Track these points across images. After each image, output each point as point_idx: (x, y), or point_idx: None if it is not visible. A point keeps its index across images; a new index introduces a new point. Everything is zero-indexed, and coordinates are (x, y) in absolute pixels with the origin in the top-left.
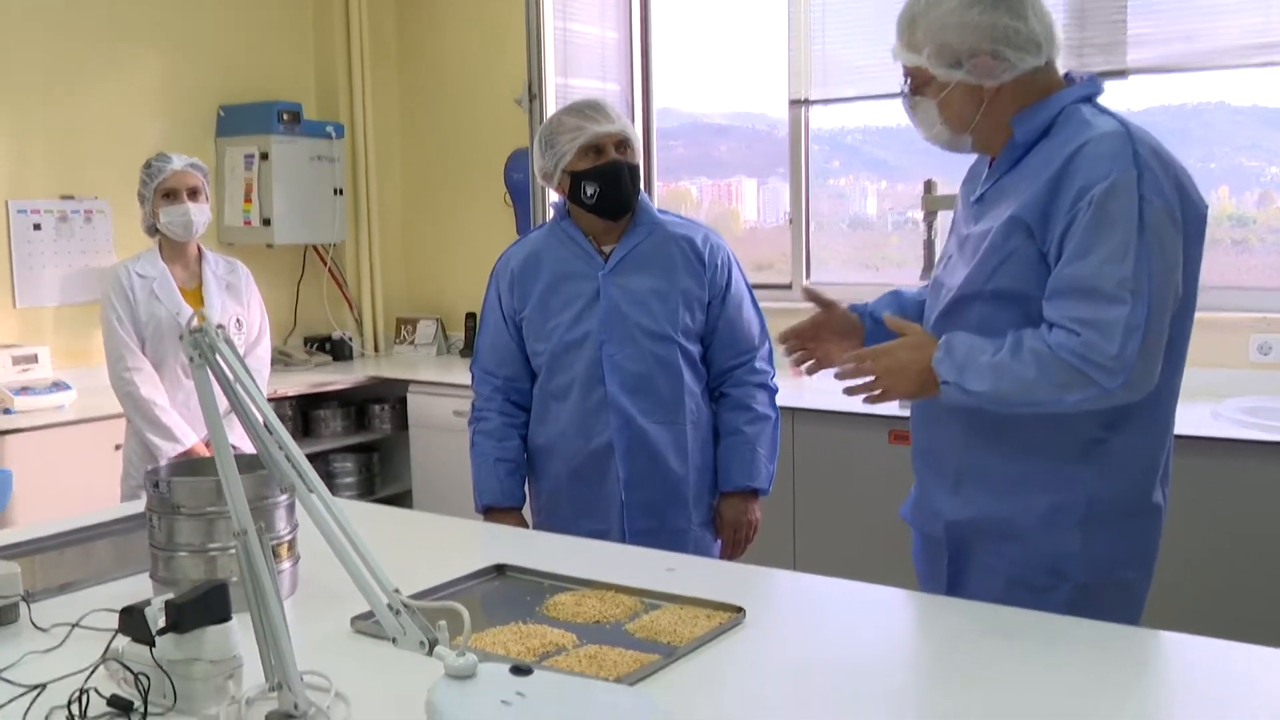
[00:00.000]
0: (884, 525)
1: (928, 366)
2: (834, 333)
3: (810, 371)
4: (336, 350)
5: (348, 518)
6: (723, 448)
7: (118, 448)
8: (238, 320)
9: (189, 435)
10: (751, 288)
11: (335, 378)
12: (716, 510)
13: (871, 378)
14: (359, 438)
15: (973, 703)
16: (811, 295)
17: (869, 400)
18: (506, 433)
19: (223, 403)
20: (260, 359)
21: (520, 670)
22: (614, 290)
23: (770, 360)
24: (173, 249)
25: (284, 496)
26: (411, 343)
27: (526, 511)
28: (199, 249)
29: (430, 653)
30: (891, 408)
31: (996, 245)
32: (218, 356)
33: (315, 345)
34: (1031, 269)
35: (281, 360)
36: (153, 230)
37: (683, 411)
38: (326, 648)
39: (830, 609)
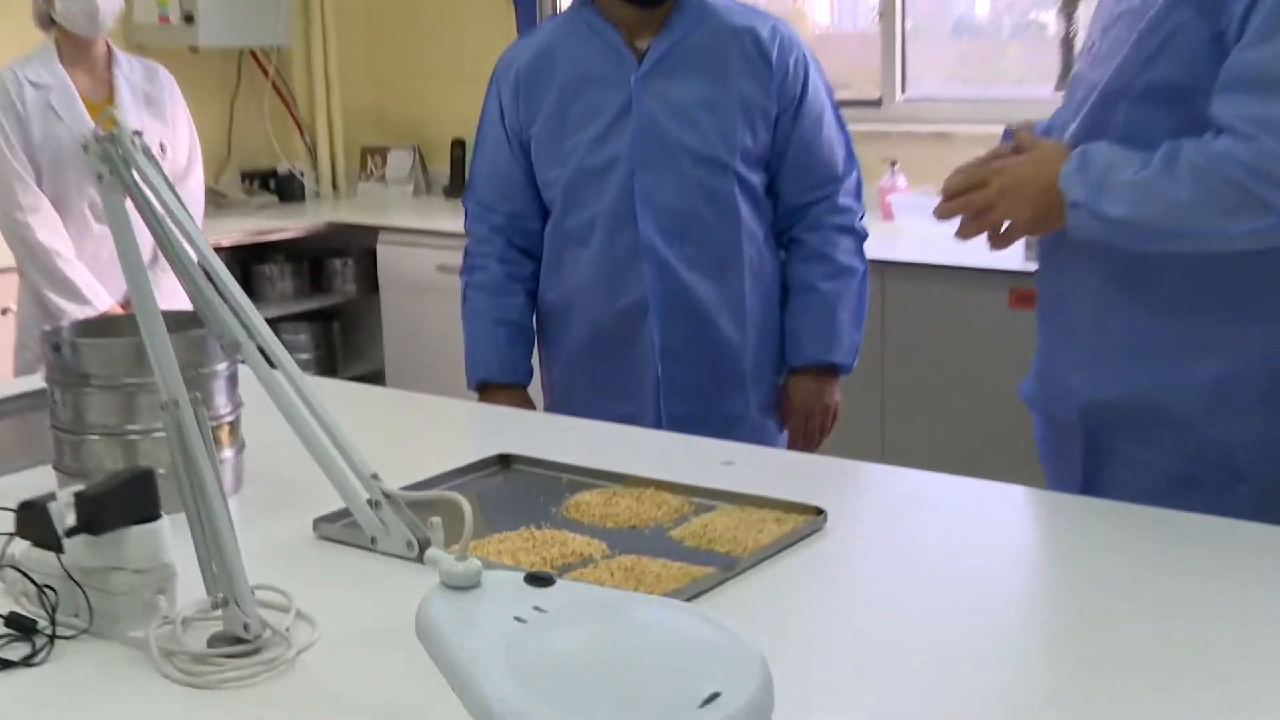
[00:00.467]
0: (999, 409)
1: (1053, 184)
2: None
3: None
4: (284, 189)
5: (310, 387)
6: (793, 310)
7: (6, 312)
8: (161, 144)
9: (101, 295)
10: (835, 99)
11: (283, 224)
12: (783, 392)
13: (984, 204)
14: (314, 303)
15: (1124, 638)
16: (1020, 140)
17: (977, 232)
18: (509, 287)
19: (145, 242)
20: (191, 196)
21: (539, 580)
22: (650, 99)
23: (858, 195)
24: (74, 49)
25: (225, 365)
26: (381, 179)
27: (534, 391)
28: (109, 48)
29: (420, 557)
30: (1015, 258)
31: (1157, 24)
32: (136, 174)
33: (256, 182)
34: (1199, 54)
35: (213, 201)
36: (47, 21)
37: (739, 261)
38: (283, 556)
39: (933, 512)
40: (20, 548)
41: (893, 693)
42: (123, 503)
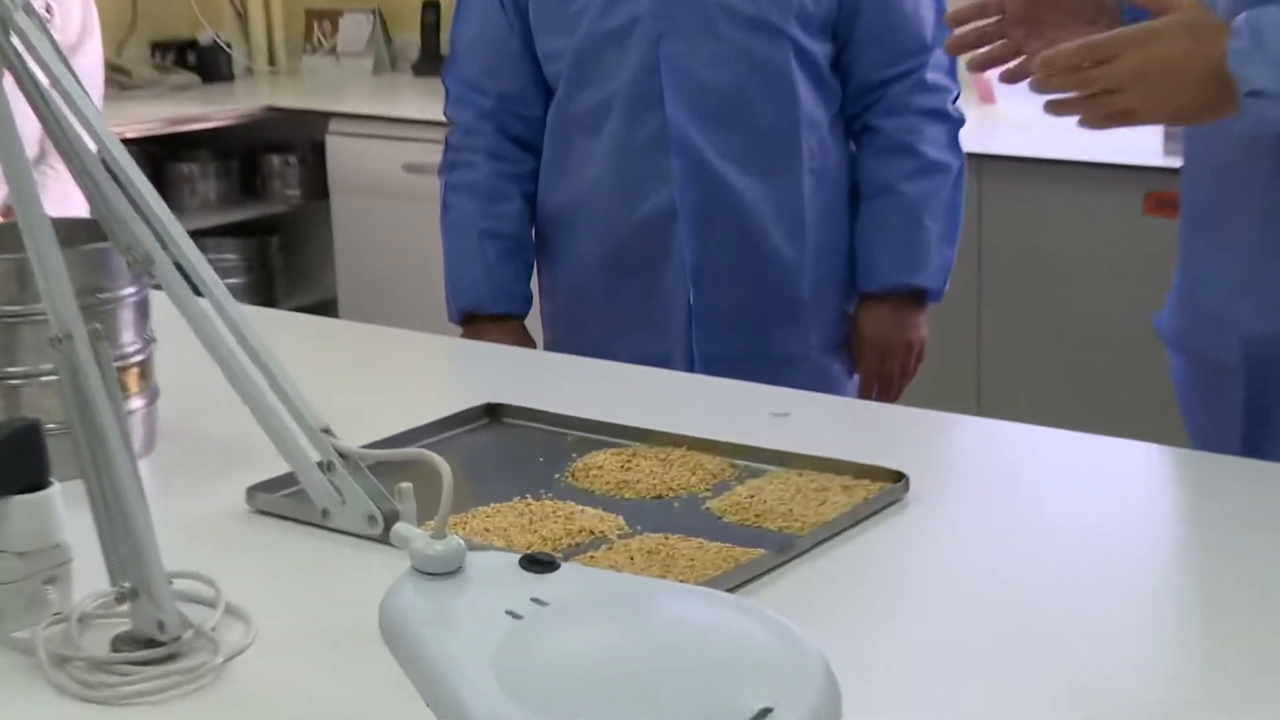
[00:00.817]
0: (1129, 346)
1: (1219, 64)
2: (1063, 9)
3: (1009, 78)
4: (207, 65)
5: (243, 318)
6: (866, 219)
7: None
8: (47, 6)
9: None
10: None
11: (205, 111)
12: (854, 324)
13: (1111, 85)
14: (247, 212)
15: None
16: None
17: (1099, 122)
18: (501, 189)
19: (29, 132)
20: (85, 74)
21: (538, 564)
22: None
23: (952, 71)
24: None
25: (132, 289)
26: (331, 51)
27: (533, 324)
28: None
29: (385, 535)
30: (1152, 151)
31: None
32: (16, 41)
33: (171, 56)
34: None
35: (115, 82)
36: None
37: (796, 154)
38: (209, 535)
39: (1046, 478)
40: None
41: (998, 710)
42: (1, 466)
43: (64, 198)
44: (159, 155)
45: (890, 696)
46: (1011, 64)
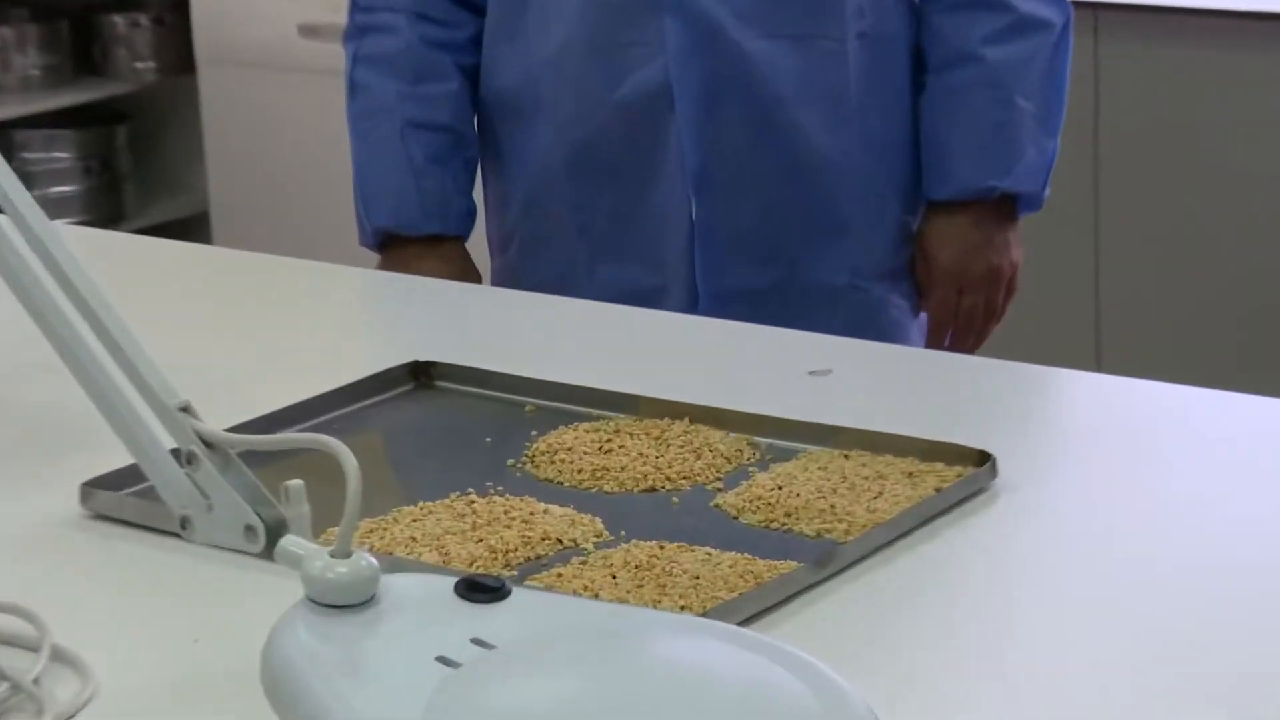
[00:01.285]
0: None
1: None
2: None
3: None
4: None
5: (63, 243)
6: (936, 101)
7: None
8: None
9: None
10: None
11: None
12: (920, 245)
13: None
14: (82, 93)
15: None
16: None
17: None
18: (430, 62)
19: None
20: None
21: (482, 588)
22: None
23: None
24: None
25: None
26: None
27: (476, 248)
28: None
29: (268, 550)
30: None
31: None
32: None
33: None
34: None
35: None
36: None
37: (839, 10)
38: (29, 550)
39: (1192, 454)
40: None
41: None
42: None
43: None
44: None
45: None
46: None
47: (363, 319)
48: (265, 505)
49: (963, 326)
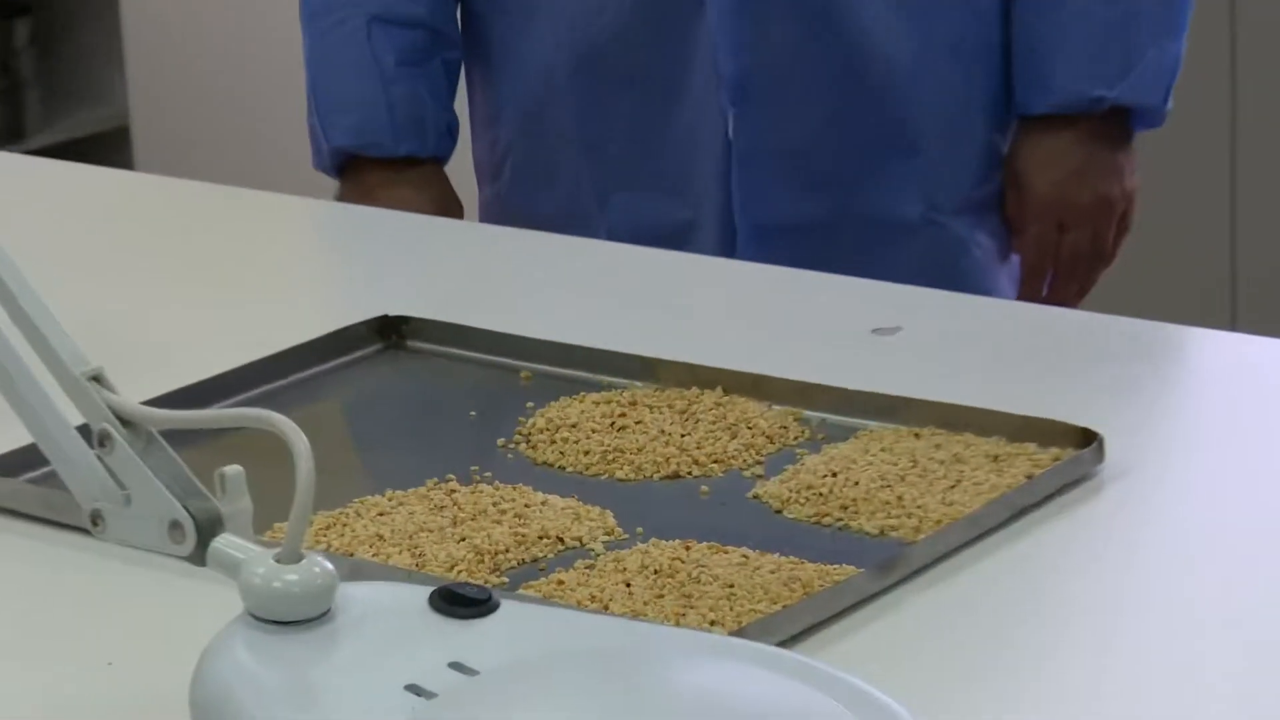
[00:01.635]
0: None
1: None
2: None
3: None
4: None
5: None
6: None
7: None
8: None
9: None
10: None
11: None
12: (1010, 170)
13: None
14: None
15: None
16: None
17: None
18: None
19: None
20: None
21: (463, 601)
22: None
23: None
24: None
25: None
26: None
27: (459, 174)
28: None
29: (199, 553)
30: None
31: None
32: None
33: None
34: None
35: None
36: None
37: None
38: None
39: None
40: None
41: None
42: None
43: None
44: None
45: None
46: None
47: (318, 262)
48: (196, 497)
49: (1064, 272)
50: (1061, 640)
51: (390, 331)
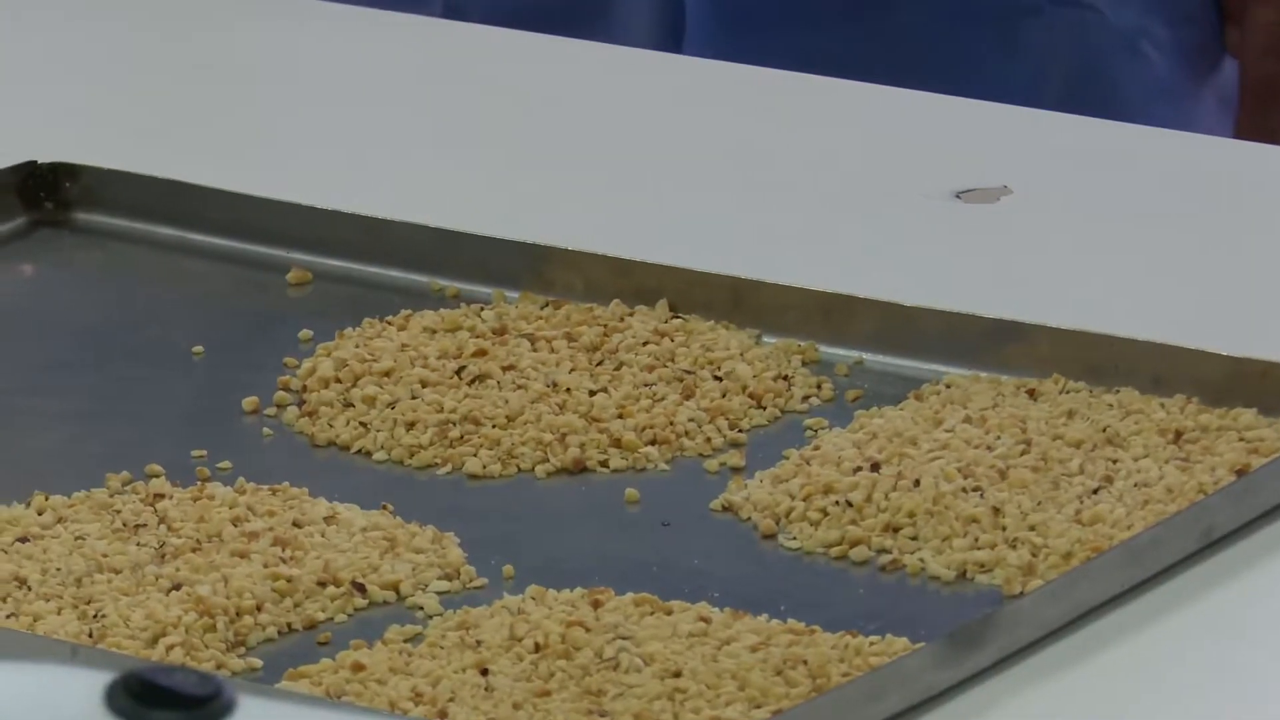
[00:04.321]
0: None
1: None
2: None
3: None
4: None
5: None
6: None
7: None
8: None
9: None
10: None
11: None
12: None
13: None
14: None
15: None
16: None
17: None
18: None
19: None
20: None
21: (170, 701)
22: None
23: None
24: None
25: None
26: None
27: None
28: None
29: None
30: None
31: None
32: None
33: None
34: None
35: None
36: None
37: None
38: None
39: None
40: None
41: None
42: None
43: None
44: None
45: None
46: None
47: None
48: None
49: None
50: None
51: (42, 191)
